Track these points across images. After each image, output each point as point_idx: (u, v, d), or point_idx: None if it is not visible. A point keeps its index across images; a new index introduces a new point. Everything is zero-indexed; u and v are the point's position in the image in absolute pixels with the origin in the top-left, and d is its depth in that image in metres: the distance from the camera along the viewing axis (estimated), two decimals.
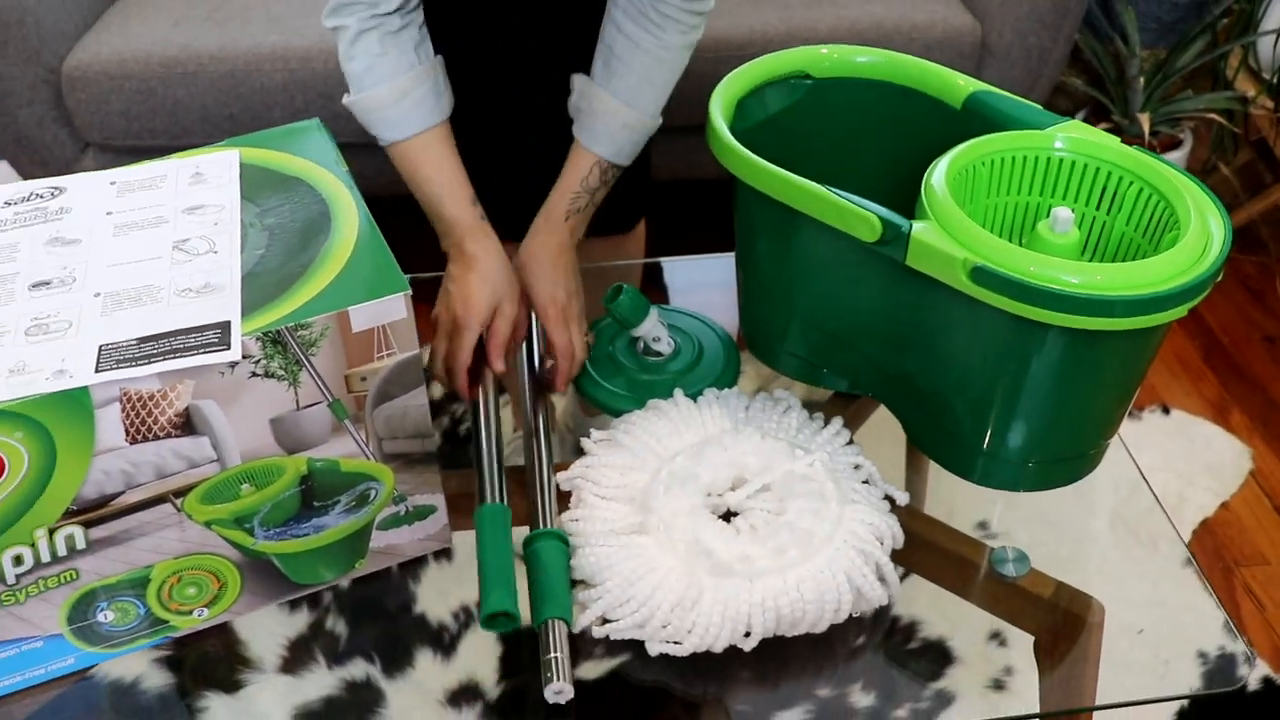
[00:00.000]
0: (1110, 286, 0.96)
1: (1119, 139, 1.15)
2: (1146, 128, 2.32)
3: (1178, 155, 2.43)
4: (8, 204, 1.08)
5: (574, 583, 1.04)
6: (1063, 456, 1.14)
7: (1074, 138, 1.15)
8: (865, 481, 1.13)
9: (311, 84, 2.05)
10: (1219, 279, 1.01)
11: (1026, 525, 1.19)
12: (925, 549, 1.14)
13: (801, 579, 1.00)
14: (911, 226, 1.02)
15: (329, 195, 1.06)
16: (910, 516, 1.13)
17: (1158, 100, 2.39)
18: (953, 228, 1.02)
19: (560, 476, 1.13)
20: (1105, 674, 1.06)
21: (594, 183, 1.28)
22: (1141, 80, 2.36)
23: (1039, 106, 1.20)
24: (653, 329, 1.24)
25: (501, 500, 1.09)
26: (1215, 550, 1.90)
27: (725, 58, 2.08)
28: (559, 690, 0.95)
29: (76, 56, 2.07)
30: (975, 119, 1.21)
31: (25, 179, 2.15)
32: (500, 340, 1.21)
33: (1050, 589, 1.12)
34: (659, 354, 1.26)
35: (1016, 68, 2.23)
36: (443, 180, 1.25)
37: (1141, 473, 1.25)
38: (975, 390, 1.08)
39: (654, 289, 1.45)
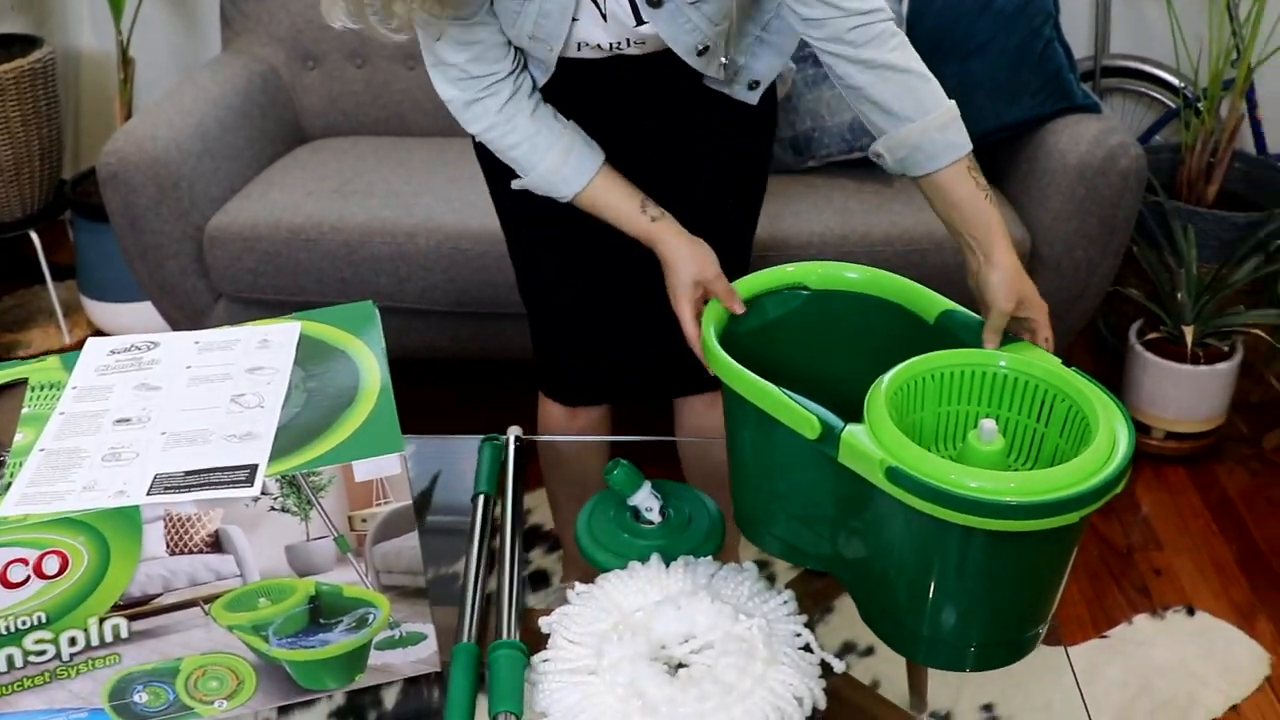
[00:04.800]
0: (1015, 492, 1.09)
1: (1060, 360, 1.31)
2: (1190, 340, 2.44)
3: (1226, 367, 2.53)
4: (112, 352, 1.34)
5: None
6: (998, 641, 1.23)
7: (1018, 357, 1.31)
8: (806, 648, 1.28)
9: (415, 257, 2.33)
10: (1118, 490, 1.14)
11: (1032, 712, 1.30)
12: (854, 714, 1.28)
13: None
14: (844, 428, 1.18)
15: (363, 368, 1.28)
16: (845, 684, 1.28)
17: (1210, 313, 2.50)
18: (880, 432, 1.17)
19: (542, 620, 1.32)
20: None
21: (979, 175, 1.43)
22: (1189, 295, 2.48)
23: None
24: (645, 500, 1.42)
25: (471, 639, 1.28)
26: None
27: (789, 257, 2.30)
28: None
29: (219, 219, 2.39)
30: (944, 333, 1.37)
31: (166, 320, 2.46)
32: (726, 296, 1.41)
33: None
34: (650, 522, 1.44)
35: (1066, 278, 2.39)
36: (620, 209, 1.52)
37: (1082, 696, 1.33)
38: (910, 580, 1.20)
39: None
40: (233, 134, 2.53)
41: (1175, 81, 3.03)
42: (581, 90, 1.54)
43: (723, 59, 1.50)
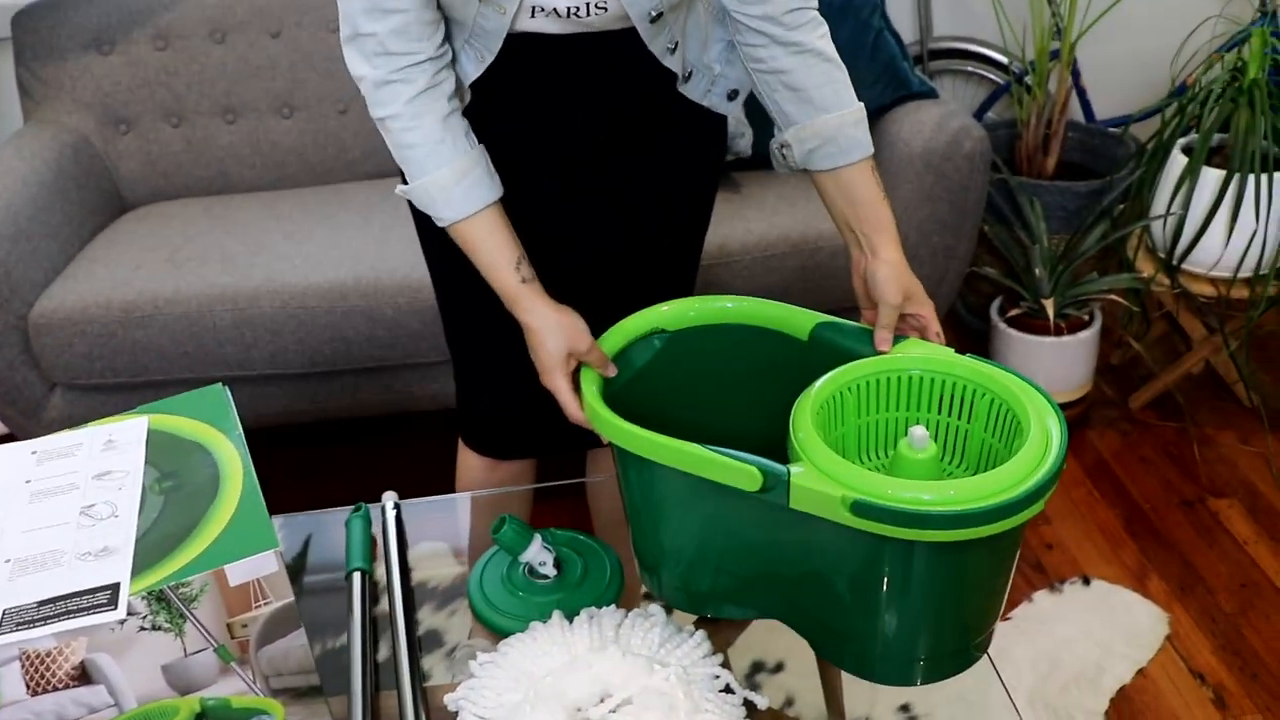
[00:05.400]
0: (963, 500, 1.05)
1: (953, 350, 1.28)
2: (1051, 313, 2.46)
3: (1087, 334, 2.56)
4: None
5: None
6: (949, 651, 1.21)
7: (923, 356, 1.27)
8: (727, 689, 1.23)
9: (260, 321, 2.21)
10: (1062, 476, 1.12)
11: (947, 706, 1.27)
12: None
13: None
14: (789, 472, 1.10)
15: (221, 459, 1.18)
16: (771, 719, 1.23)
17: (1066, 284, 2.53)
18: (825, 467, 1.10)
19: (447, 697, 1.24)
20: None
21: (878, 176, 1.43)
22: (1045, 268, 2.51)
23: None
24: (536, 555, 1.36)
25: None
26: (1132, 717, 1.97)
27: None
28: None
29: (43, 304, 2.24)
30: (820, 346, 1.34)
31: None
32: (600, 364, 1.34)
33: None
34: (545, 577, 1.37)
35: (925, 265, 2.38)
36: (493, 257, 1.40)
37: (1002, 681, 1.31)
38: (858, 603, 1.16)
39: None
40: (47, 211, 2.38)
41: (1001, 59, 3.07)
42: (538, 76, 1.44)
43: (669, 43, 1.43)
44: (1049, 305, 2.46)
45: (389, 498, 1.51)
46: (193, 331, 2.21)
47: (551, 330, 1.36)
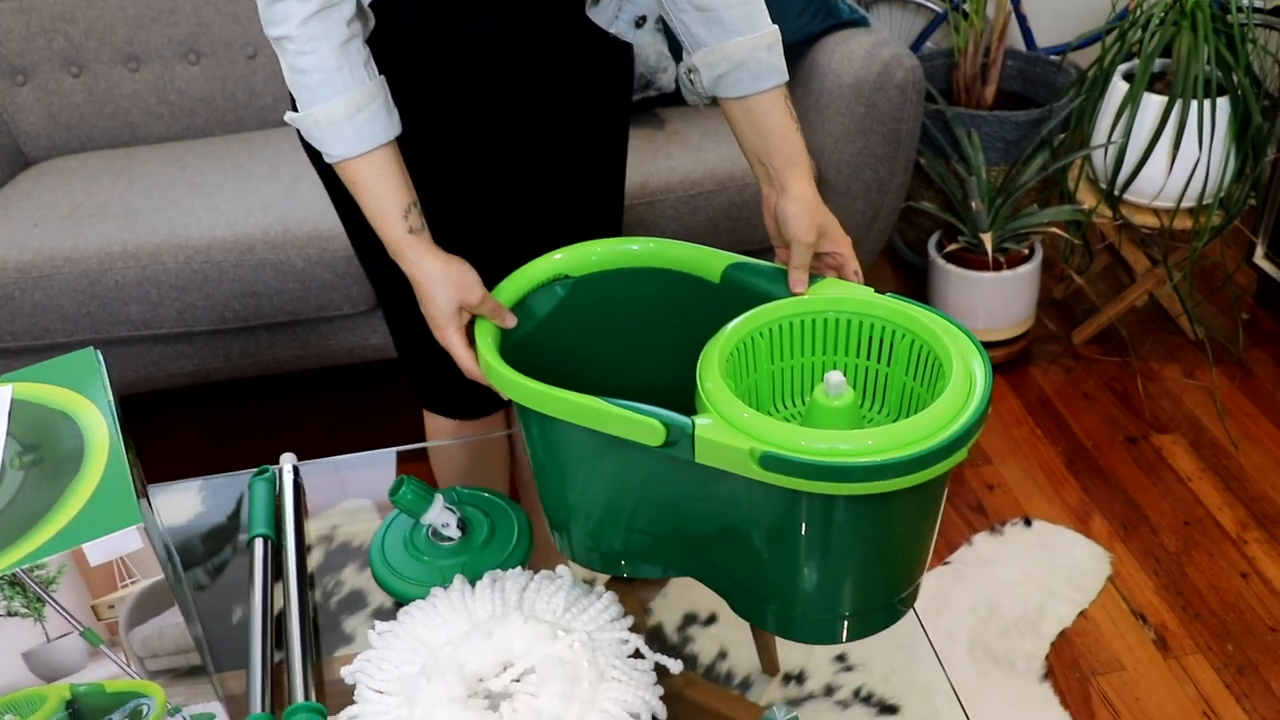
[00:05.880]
0: (882, 450, 0.99)
1: (872, 290, 1.22)
2: (990, 247, 2.40)
3: (1028, 269, 2.51)
4: None
5: None
6: (874, 607, 1.15)
7: (840, 296, 1.21)
8: (637, 653, 1.17)
9: (165, 279, 2.12)
10: (986, 420, 1.06)
11: (884, 654, 1.23)
12: (698, 715, 1.17)
13: None
14: (694, 425, 1.03)
15: (88, 428, 1.11)
16: (686, 683, 1.17)
17: (1005, 217, 2.47)
18: (733, 418, 1.04)
19: (343, 669, 1.17)
20: None
21: (791, 105, 1.35)
22: (983, 201, 2.44)
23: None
24: (438, 516, 1.29)
25: (265, 709, 1.13)
26: (1073, 660, 1.93)
27: None
28: None
29: None
30: (732, 288, 1.27)
31: None
32: (495, 314, 1.26)
33: None
34: (449, 539, 1.31)
35: (858, 201, 2.31)
36: (382, 202, 1.29)
37: (923, 627, 1.26)
38: (776, 560, 1.10)
39: None
40: None
41: None
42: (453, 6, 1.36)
43: None
44: (988, 239, 2.40)
45: (287, 460, 1.44)
46: (94, 291, 2.11)
47: (439, 282, 1.27)
